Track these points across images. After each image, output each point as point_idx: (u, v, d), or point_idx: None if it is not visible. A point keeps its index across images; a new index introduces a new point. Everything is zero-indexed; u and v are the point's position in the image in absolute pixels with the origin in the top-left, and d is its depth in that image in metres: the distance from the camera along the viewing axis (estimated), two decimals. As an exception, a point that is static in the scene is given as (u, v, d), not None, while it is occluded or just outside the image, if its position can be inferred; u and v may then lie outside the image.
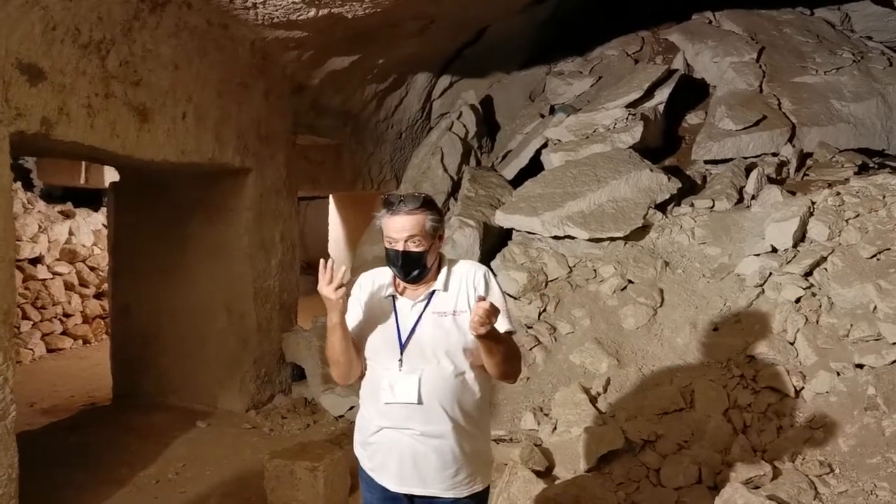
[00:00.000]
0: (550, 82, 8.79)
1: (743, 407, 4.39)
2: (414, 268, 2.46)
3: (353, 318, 2.59)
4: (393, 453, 2.49)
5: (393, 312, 2.53)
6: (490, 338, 2.30)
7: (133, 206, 6.42)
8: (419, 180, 7.71)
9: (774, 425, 4.24)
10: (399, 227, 2.42)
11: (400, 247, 2.43)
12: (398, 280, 2.55)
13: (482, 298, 2.23)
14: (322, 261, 2.45)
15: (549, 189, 6.42)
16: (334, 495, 4.27)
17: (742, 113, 7.10)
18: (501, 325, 2.40)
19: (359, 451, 2.63)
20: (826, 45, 8.15)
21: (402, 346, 2.47)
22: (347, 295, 2.47)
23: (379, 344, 2.53)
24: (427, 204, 2.47)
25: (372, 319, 2.56)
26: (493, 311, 2.22)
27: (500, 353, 2.39)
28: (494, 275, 2.62)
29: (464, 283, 2.52)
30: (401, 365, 2.46)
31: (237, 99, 5.65)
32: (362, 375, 2.62)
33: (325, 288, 2.41)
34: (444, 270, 2.55)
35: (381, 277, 2.60)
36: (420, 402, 2.42)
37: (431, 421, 2.43)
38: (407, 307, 2.52)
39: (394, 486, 2.50)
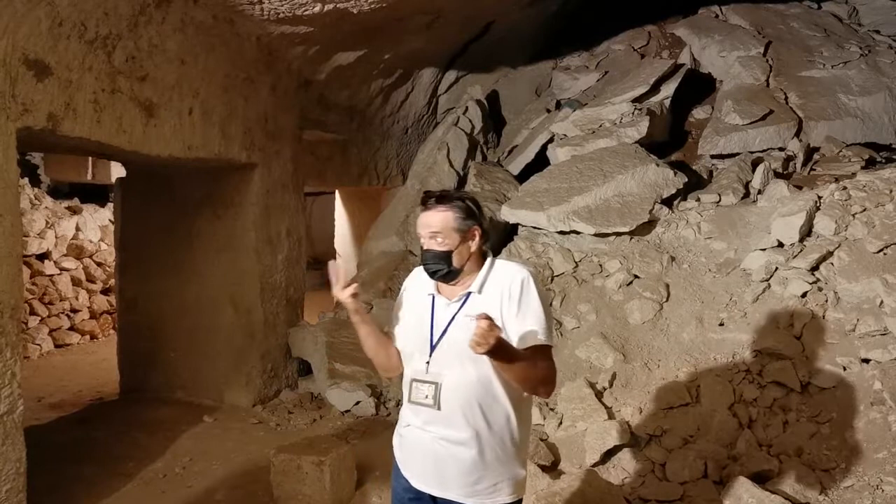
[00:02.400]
0: (556, 77, 8.79)
1: (749, 401, 4.39)
2: (436, 266, 2.39)
3: (398, 313, 2.61)
4: (416, 451, 2.46)
5: (430, 312, 2.47)
6: (499, 355, 2.13)
7: (140, 202, 6.44)
8: (425, 175, 7.71)
9: (780, 420, 4.24)
10: (425, 223, 2.40)
11: (425, 244, 2.40)
12: None
13: (485, 316, 2.04)
14: (330, 264, 2.49)
15: (555, 184, 6.42)
16: (340, 490, 4.28)
17: (748, 107, 7.08)
18: (531, 338, 2.30)
19: (395, 437, 2.60)
20: (833, 39, 8.12)
21: (432, 348, 2.41)
22: (355, 294, 2.48)
23: (412, 343, 2.49)
24: (455, 201, 2.40)
25: (411, 317, 2.54)
26: (489, 332, 2.03)
27: (517, 370, 2.23)
28: (539, 281, 2.48)
29: (499, 288, 2.38)
30: (427, 367, 2.41)
31: (243, 94, 5.66)
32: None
33: (336, 290, 2.47)
34: (483, 271, 2.43)
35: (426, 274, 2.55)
36: (438, 407, 2.37)
37: (451, 426, 2.36)
38: (442, 307, 2.45)
39: (415, 483, 2.47)
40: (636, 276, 5.66)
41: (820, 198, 5.40)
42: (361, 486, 4.46)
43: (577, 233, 6.10)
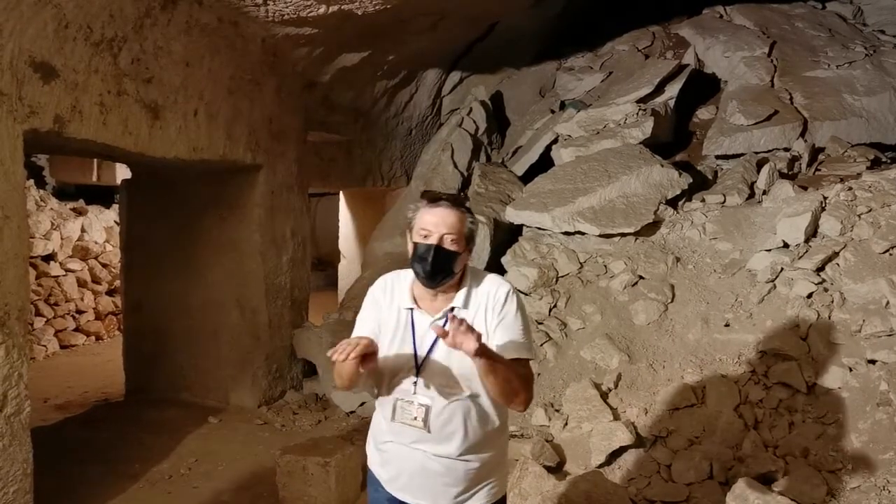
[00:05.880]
0: (560, 78, 8.78)
1: (754, 402, 4.38)
2: (444, 267, 2.27)
3: (367, 327, 2.41)
4: (404, 467, 2.40)
5: (410, 328, 2.35)
6: (483, 358, 2.06)
7: (145, 203, 6.45)
8: (430, 177, 7.71)
9: (786, 421, 4.23)
10: (437, 220, 2.26)
11: (434, 240, 2.24)
12: (415, 291, 2.38)
13: (453, 316, 1.98)
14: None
15: (560, 185, 6.41)
16: (346, 491, 4.29)
17: (753, 108, 7.06)
18: (512, 350, 2.26)
19: (371, 451, 2.55)
20: (838, 39, 8.09)
21: (419, 369, 2.32)
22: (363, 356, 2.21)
23: (394, 361, 2.36)
24: (465, 206, 2.34)
25: (388, 333, 2.38)
26: (461, 332, 1.97)
27: (501, 375, 2.16)
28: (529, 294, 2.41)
29: (483, 302, 2.33)
30: (415, 388, 2.33)
31: (248, 96, 5.67)
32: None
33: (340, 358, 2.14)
34: (466, 285, 2.36)
35: (399, 285, 2.43)
36: (429, 430, 2.31)
37: (442, 444, 2.33)
38: (424, 324, 2.32)
39: (402, 496, 2.43)
40: (641, 277, 5.65)
41: (825, 198, 5.39)
42: (367, 487, 4.45)
43: (582, 234, 6.10)
